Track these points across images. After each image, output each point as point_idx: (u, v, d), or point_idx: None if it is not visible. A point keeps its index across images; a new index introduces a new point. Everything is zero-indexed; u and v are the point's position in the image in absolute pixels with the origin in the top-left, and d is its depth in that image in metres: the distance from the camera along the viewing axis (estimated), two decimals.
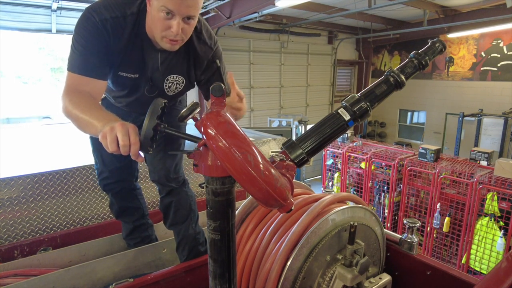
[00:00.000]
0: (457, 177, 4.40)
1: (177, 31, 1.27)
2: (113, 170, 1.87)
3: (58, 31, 6.21)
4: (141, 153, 1.01)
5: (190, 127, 3.28)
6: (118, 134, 0.97)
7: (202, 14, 6.86)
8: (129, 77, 1.48)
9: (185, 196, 1.88)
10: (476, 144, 7.78)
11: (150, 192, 2.54)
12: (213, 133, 0.80)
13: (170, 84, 1.56)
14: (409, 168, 4.77)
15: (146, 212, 2.10)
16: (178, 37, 1.31)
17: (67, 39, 5.67)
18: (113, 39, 1.32)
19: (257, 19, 7.64)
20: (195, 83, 1.65)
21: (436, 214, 4.48)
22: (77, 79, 1.30)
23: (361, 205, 1.37)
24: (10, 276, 1.68)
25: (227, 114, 0.86)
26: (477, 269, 4.21)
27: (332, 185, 6.08)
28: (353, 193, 5.61)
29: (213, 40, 1.55)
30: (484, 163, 4.48)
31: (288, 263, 1.14)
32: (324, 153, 6.23)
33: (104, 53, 1.33)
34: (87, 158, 2.08)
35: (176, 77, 1.55)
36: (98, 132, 1.04)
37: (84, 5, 3.00)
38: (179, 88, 1.60)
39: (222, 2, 6.26)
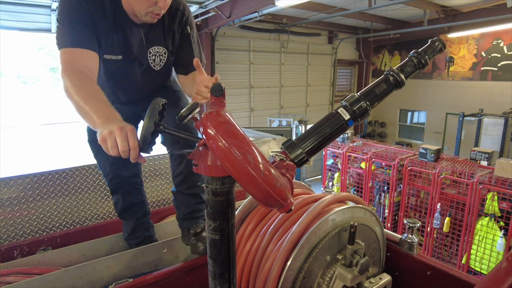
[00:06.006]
0: (457, 177, 4.40)
1: (165, 5, 1.34)
2: (119, 169, 1.86)
3: None
4: (141, 153, 1.01)
5: None
6: (118, 139, 0.96)
7: (202, 14, 6.85)
8: (113, 60, 1.48)
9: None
10: (476, 144, 7.77)
11: (151, 192, 2.54)
12: (213, 133, 0.80)
13: (154, 57, 1.57)
14: (409, 168, 4.77)
15: (148, 211, 2.09)
16: (163, 10, 1.37)
17: None
18: (95, 15, 1.35)
19: (257, 19, 7.62)
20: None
21: (436, 214, 4.48)
22: (70, 53, 1.30)
23: (361, 205, 1.37)
24: (12, 274, 1.68)
25: (227, 114, 0.85)
26: (477, 269, 4.20)
27: (332, 185, 6.08)
28: (353, 193, 5.61)
29: (182, 5, 1.56)
30: (484, 163, 4.48)
31: (288, 263, 1.13)
32: (324, 153, 6.23)
33: (91, 27, 1.34)
34: (87, 158, 2.07)
35: (158, 48, 1.57)
36: (95, 128, 1.05)
37: None
38: (163, 60, 1.61)
39: (222, 2, 6.24)
